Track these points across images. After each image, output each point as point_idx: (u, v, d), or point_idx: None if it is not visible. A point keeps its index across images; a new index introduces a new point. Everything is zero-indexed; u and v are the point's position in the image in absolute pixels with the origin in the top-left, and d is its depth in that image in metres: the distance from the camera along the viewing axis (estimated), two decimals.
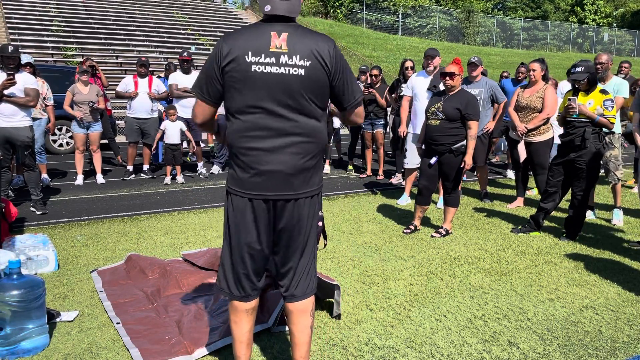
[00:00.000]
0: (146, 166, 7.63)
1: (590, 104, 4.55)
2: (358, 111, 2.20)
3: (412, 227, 4.97)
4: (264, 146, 2.02)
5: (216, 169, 8.01)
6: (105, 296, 3.35)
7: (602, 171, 5.43)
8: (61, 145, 10.09)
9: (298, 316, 2.22)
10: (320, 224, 2.23)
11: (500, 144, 9.96)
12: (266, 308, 2.92)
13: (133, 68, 14.55)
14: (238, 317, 2.21)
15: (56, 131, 9.88)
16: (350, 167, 8.47)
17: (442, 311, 3.23)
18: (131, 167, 7.47)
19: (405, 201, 6.15)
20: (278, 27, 2.00)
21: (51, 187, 6.78)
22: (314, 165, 2.12)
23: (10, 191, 6.05)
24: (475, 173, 6.57)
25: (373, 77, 7.52)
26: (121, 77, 11.51)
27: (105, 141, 8.40)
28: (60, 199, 6.16)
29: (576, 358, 2.70)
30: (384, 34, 30.25)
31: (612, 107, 4.51)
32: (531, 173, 5.84)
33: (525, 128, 5.47)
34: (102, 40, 17.52)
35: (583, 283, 3.73)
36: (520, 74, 7.72)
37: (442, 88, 4.79)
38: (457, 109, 4.51)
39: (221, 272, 2.21)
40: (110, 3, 21.02)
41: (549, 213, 4.88)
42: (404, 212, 5.74)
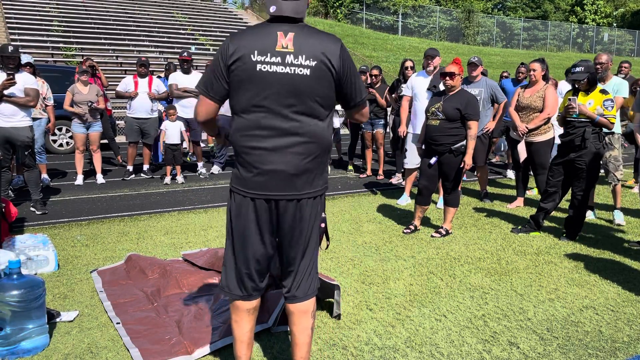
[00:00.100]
0: (146, 166, 7.63)
1: (590, 104, 4.55)
2: (363, 110, 2.22)
3: (412, 227, 4.97)
4: (267, 145, 2.02)
5: (216, 169, 8.01)
6: (105, 296, 3.35)
7: (602, 171, 5.43)
8: (61, 145, 10.09)
9: (299, 317, 2.22)
10: (322, 225, 2.23)
11: (500, 144, 9.96)
12: (266, 308, 2.93)
13: (133, 68, 14.55)
14: (239, 317, 2.21)
15: (56, 131, 9.88)
16: (350, 167, 8.47)
17: (442, 311, 3.23)
18: (131, 167, 7.48)
19: (405, 201, 6.15)
20: (284, 27, 2.00)
21: (51, 187, 6.78)
22: (318, 166, 2.11)
23: (10, 191, 6.05)
24: (475, 173, 6.57)
25: (373, 77, 7.52)
26: (121, 77, 11.50)
27: (105, 141, 8.40)
28: (60, 199, 6.16)
29: (576, 358, 2.70)
30: (384, 34, 30.25)
31: (612, 107, 4.51)
32: (531, 173, 5.84)
33: (526, 128, 5.48)
34: (102, 40, 17.52)
35: (583, 283, 3.73)
36: (520, 74, 7.73)
37: (442, 88, 4.79)
38: (457, 109, 4.51)
39: (224, 272, 2.21)
40: (110, 3, 21.02)
41: (549, 213, 4.88)
42: (404, 212, 5.74)
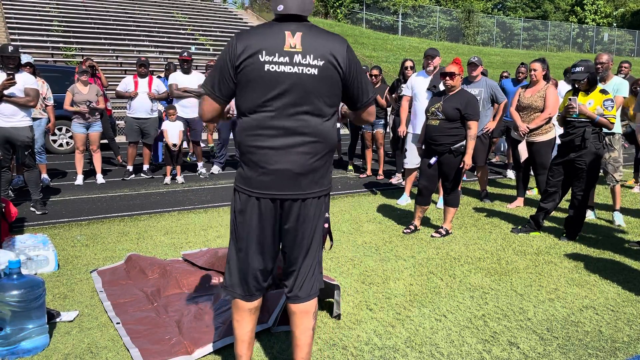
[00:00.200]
0: (146, 166, 7.63)
1: (590, 104, 4.55)
2: (370, 110, 2.23)
3: (412, 227, 4.97)
4: (274, 145, 2.01)
5: (216, 169, 8.01)
6: (105, 296, 3.35)
7: (602, 171, 5.42)
8: (61, 145, 10.09)
9: (300, 318, 2.21)
10: (326, 226, 2.23)
11: (500, 144, 9.96)
12: (266, 308, 2.92)
13: (133, 68, 14.55)
14: (241, 317, 2.21)
15: (56, 131, 9.87)
16: (350, 167, 8.47)
17: (442, 311, 3.23)
18: (131, 167, 7.47)
19: (405, 201, 6.15)
20: (292, 27, 2.00)
21: (51, 187, 6.78)
22: (323, 165, 2.11)
23: (10, 191, 6.04)
24: (475, 173, 6.57)
25: (373, 77, 7.52)
26: (121, 77, 11.50)
27: (105, 141, 8.40)
28: (60, 199, 6.16)
29: (576, 358, 2.70)
30: (384, 34, 30.25)
31: (612, 107, 4.51)
32: (532, 173, 5.83)
33: (527, 128, 5.48)
34: (102, 40, 17.52)
35: (583, 283, 3.73)
36: (520, 74, 7.73)
37: (442, 88, 4.79)
38: (457, 109, 4.51)
39: (227, 271, 2.21)
40: (110, 3, 21.02)
41: (549, 213, 4.88)
42: (404, 212, 5.74)
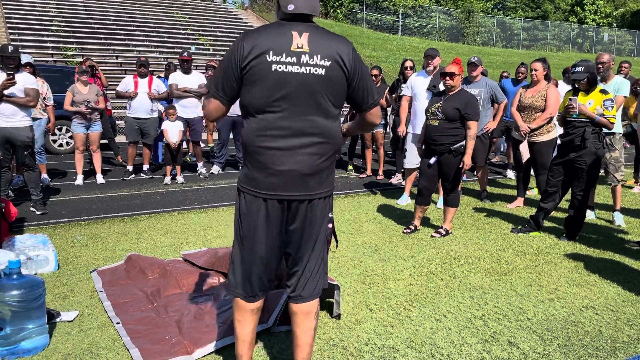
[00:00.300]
0: (146, 166, 7.63)
1: (590, 104, 4.55)
2: (374, 111, 2.23)
3: (412, 227, 4.97)
4: (281, 146, 2.01)
5: (216, 169, 8.01)
6: (105, 296, 3.35)
7: (602, 171, 5.42)
8: (61, 145, 10.09)
9: (302, 318, 2.21)
10: (330, 226, 2.23)
11: (499, 144, 9.96)
12: (266, 308, 2.92)
13: (133, 68, 14.55)
14: (242, 317, 2.21)
15: (56, 131, 9.88)
16: (350, 167, 8.47)
17: (442, 311, 3.23)
18: (131, 167, 7.47)
19: (405, 201, 6.15)
20: (299, 27, 2.00)
21: (51, 187, 6.78)
22: (329, 166, 2.12)
23: (10, 191, 6.05)
24: (475, 173, 6.57)
25: (373, 77, 7.52)
26: (121, 77, 11.50)
27: (105, 141, 8.40)
28: (60, 199, 6.16)
29: (576, 358, 2.70)
30: (384, 34, 30.24)
31: (612, 107, 4.51)
32: (533, 173, 5.83)
33: (528, 128, 5.47)
34: (102, 40, 17.52)
35: (583, 283, 3.73)
36: (520, 74, 7.72)
37: (442, 88, 4.79)
38: (457, 109, 4.51)
39: (231, 271, 2.21)
40: (110, 3, 21.02)
41: (549, 213, 4.88)
42: (404, 212, 5.74)
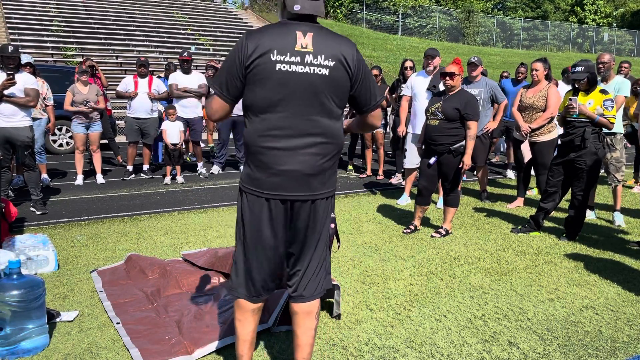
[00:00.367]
0: (146, 166, 7.63)
1: (590, 104, 4.55)
2: (375, 113, 2.23)
3: (412, 227, 4.97)
4: (284, 146, 2.01)
5: (216, 169, 8.01)
6: (105, 296, 3.35)
7: (603, 171, 5.42)
8: (61, 145, 10.09)
9: (303, 318, 2.21)
10: (332, 226, 2.23)
11: (499, 144, 9.96)
12: (266, 308, 2.93)
13: (133, 68, 14.55)
14: (243, 316, 2.20)
15: (56, 131, 9.88)
16: (350, 167, 8.47)
17: (442, 311, 3.23)
18: (131, 167, 7.47)
19: (405, 201, 6.15)
20: (303, 27, 2.01)
21: (51, 187, 6.78)
22: (332, 166, 2.13)
23: (10, 191, 6.05)
24: (475, 173, 6.57)
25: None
26: (121, 77, 11.50)
27: (105, 141, 8.40)
28: (60, 199, 6.16)
29: (576, 358, 2.70)
30: (384, 34, 30.24)
31: (612, 107, 4.51)
32: (533, 173, 5.82)
33: (529, 128, 5.47)
34: (102, 40, 17.52)
35: (583, 283, 3.73)
36: (520, 74, 7.72)
37: (442, 88, 4.79)
38: (457, 109, 4.51)
39: (234, 272, 2.20)
40: (110, 3, 21.02)
41: (549, 213, 4.88)
42: (404, 212, 5.74)
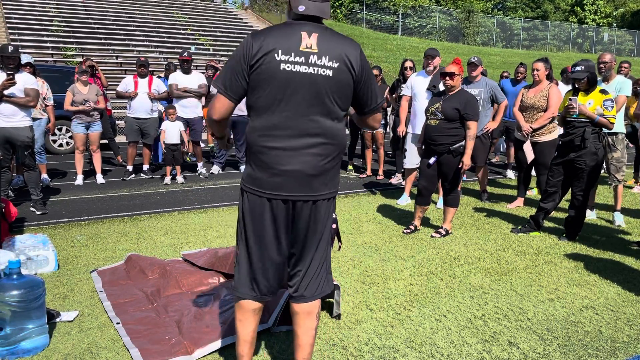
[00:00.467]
0: (146, 166, 7.63)
1: (590, 104, 4.55)
2: (376, 116, 2.25)
3: (412, 227, 4.97)
4: (286, 146, 2.02)
5: (216, 169, 8.01)
6: (105, 296, 3.35)
7: (603, 171, 5.42)
8: (61, 145, 10.09)
9: (303, 318, 2.21)
10: (334, 226, 2.23)
11: (499, 144, 9.95)
12: (266, 308, 2.93)
13: (133, 68, 14.54)
14: (244, 316, 2.20)
15: (56, 131, 9.87)
16: (350, 167, 8.47)
17: (442, 311, 3.23)
18: (131, 167, 7.48)
19: (405, 201, 6.15)
20: (308, 27, 2.02)
21: (51, 187, 6.78)
22: (334, 167, 2.13)
23: (10, 191, 6.04)
24: (475, 173, 6.57)
25: None
26: (121, 77, 11.51)
27: (105, 141, 8.40)
28: (60, 199, 6.16)
29: (576, 358, 2.70)
30: (384, 34, 30.23)
31: (612, 107, 4.51)
32: (534, 173, 5.80)
33: (530, 128, 5.47)
34: (102, 40, 17.52)
35: (583, 283, 3.73)
36: (519, 74, 7.71)
37: (442, 88, 4.79)
38: (456, 109, 4.51)
39: (236, 273, 2.20)
40: (110, 3, 21.02)
41: (549, 213, 4.88)
42: (404, 212, 5.74)
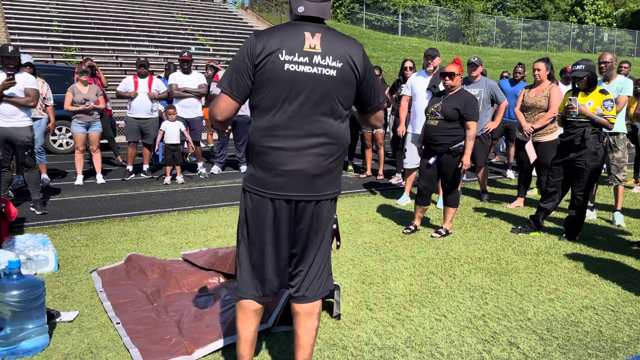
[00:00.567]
0: (146, 166, 7.63)
1: (590, 104, 4.55)
2: (378, 115, 2.26)
3: (412, 227, 4.97)
4: (289, 146, 2.02)
5: (216, 169, 8.01)
6: (105, 296, 3.35)
7: (603, 171, 5.41)
8: (61, 145, 10.09)
9: (304, 318, 2.21)
10: (334, 226, 2.23)
11: (499, 144, 9.95)
12: (266, 308, 2.93)
13: (133, 68, 14.53)
14: (246, 317, 2.20)
15: (56, 131, 9.87)
16: (350, 167, 8.47)
17: (442, 311, 3.23)
18: (131, 167, 7.48)
19: (405, 201, 6.15)
20: (311, 28, 2.02)
21: (51, 187, 6.78)
22: (337, 167, 2.13)
23: (10, 191, 6.04)
24: (475, 173, 6.57)
25: None
26: (121, 77, 11.51)
27: (105, 141, 8.40)
28: (60, 199, 6.16)
29: (576, 358, 2.70)
30: (384, 34, 30.24)
31: (612, 107, 4.51)
32: (535, 173, 5.79)
33: (531, 128, 5.47)
34: (102, 40, 17.52)
35: (583, 283, 3.73)
36: (517, 74, 7.70)
37: (442, 88, 4.79)
38: (456, 109, 4.51)
39: (239, 273, 2.20)
40: (110, 3, 21.02)
41: (549, 213, 4.88)
42: (404, 212, 5.74)
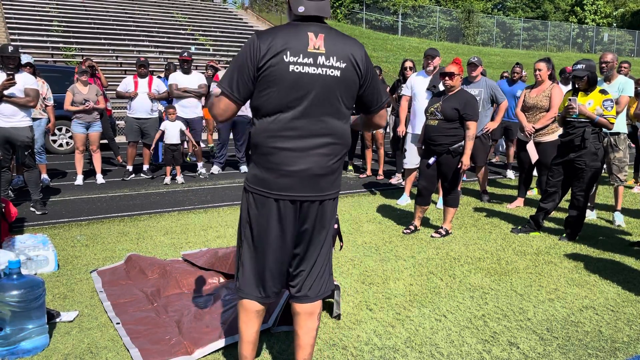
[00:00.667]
0: (146, 166, 7.63)
1: (589, 104, 4.56)
2: (382, 113, 2.26)
3: (412, 227, 4.97)
4: (294, 146, 2.02)
5: (216, 169, 8.01)
6: (105, 296, 3.35)
7: (603, 171, 5.41)
8: (61, 145, 10.09)
9: (305, 318, 2.21)
10: (336, 226, 2.23)
11: (499, 144, 9.95)
12: (266, 308, 2.92)
13: (133, 68, 14.53)
14: (248, 317, 2.20)
15: (56, 131, 9.87)
16: (350, 167, 8.47)
17: (442, 311, 3.23)
18: (131, 167, 7.48)
19: (405, 201, 6.15)
20: (314, 28, 2.01)
21: (51, 187, 6.78)
22: (339, 166, 2.15)
23: (10, 191, 6.04)
24: (475, 173, 6.58)
25: None
26: (121, 77, 11.51)
27: (105, 141, 8.40)
28: (60, 199, 6.16)
29: (576, 358, 2.70)
30: (384, 34, 30.24)
31: (612, 108, 4.51)
32: (536, 173, 5.78)
33: (533, 128, 5.47)
34: (102, 40, 17.52)
35: (583, 283, 3.73)
36: (515, 74, 7.70)
37: (442, 88, 4.79)
38: (456, 109, 4.51)
39: (240, 274, 2.19)
40: (110, 3, 21.02)
41: (549, 213, 4.88)
42: (404, 212, 5.74)
